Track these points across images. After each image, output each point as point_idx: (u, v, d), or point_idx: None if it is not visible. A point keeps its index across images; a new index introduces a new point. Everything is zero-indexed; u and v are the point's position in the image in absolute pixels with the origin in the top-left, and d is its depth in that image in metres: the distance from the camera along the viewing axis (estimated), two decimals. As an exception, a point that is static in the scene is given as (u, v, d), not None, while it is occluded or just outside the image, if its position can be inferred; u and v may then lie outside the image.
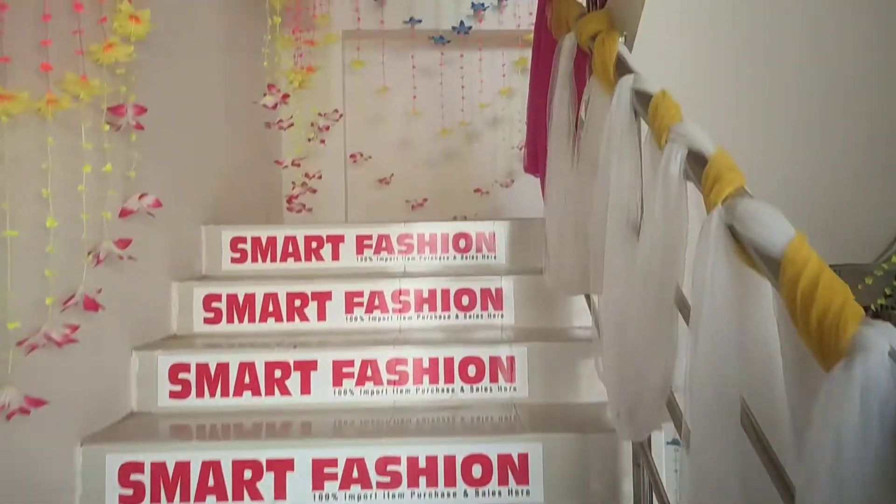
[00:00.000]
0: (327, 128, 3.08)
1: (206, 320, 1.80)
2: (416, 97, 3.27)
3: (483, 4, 3.25)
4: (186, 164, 1.93)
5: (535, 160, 1.88)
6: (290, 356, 1.58)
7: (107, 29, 1.39)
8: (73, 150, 1.26)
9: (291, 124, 2.22)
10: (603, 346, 1.23)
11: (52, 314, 1.14)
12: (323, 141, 3.03)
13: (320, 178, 2.69)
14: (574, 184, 1.39)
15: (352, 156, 3.24)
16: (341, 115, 3.15)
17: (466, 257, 2.06)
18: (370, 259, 2.06)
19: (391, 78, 3.31)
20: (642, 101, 1.12)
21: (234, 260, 2.05)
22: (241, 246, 2.05)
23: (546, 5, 1.83)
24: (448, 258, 2.06)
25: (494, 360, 1.58)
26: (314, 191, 2.59)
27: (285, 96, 2.08)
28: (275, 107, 2.06)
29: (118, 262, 1.40)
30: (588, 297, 1.58)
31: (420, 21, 3.24)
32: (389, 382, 1.57)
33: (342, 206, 3.24)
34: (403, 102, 3.33)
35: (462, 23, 3.24)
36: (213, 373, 1.56)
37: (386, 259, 2.06)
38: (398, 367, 1.58)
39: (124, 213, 1.45)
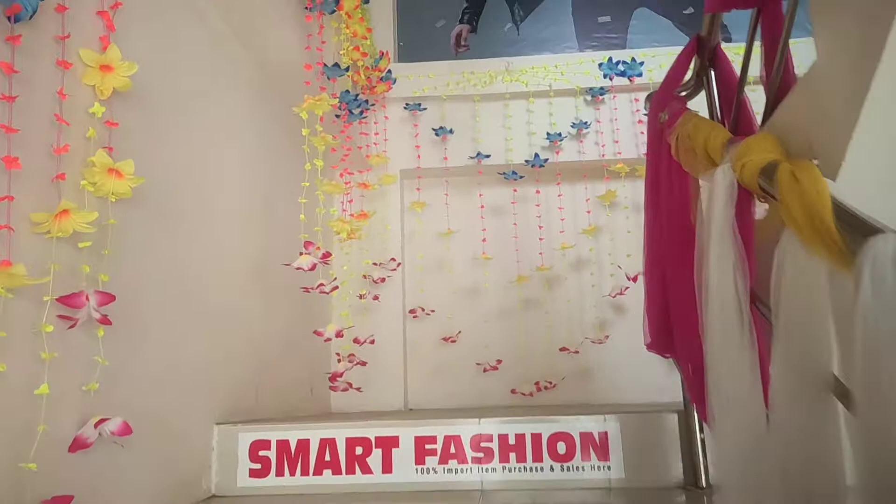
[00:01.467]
0: (382, 280, 2.69)
1: (202, 579, 1.30)
2: (485, 240, 2.87)
3: (560, 134, 2.91)
4: (193, 350, 1.52)
5: (666, 338, 1.37)
6: None
7: (64, 190, 1.02)
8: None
9: (336, 287, 1.81)
10: None
11: None
12: (377, 297, 2.62)
13: (373, 342, 2.25)
14: (766, 403, 0.86)
15: (411, 311, 2.81)
16: (399, 265, 2.76)
17: (568, 469, 1.51)
18: (434, 471, 1.54)
19: (456, 219, 2.95)
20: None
21: (253, 473, 1.57)
22: (263, 453, 1.57)
23: (666, 131, 1.41)
24: (542, 470, 1.51)
25: None
26: (364, 363, 2.15)
27: (326, 255, 1.69)
28: (313, 268, 1.67)
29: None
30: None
31: (489, 156, 2.92)
32: None
33: (399, 372, 2.77)
34: (471, 246, 2.94)
35: (536, 155, 2.89)
36: None
37: (456, 471, 1.53)
38: None
39: (75, 447, 1.01)
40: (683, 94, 1.65)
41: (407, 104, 2.99)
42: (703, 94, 1.63)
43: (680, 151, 1.30)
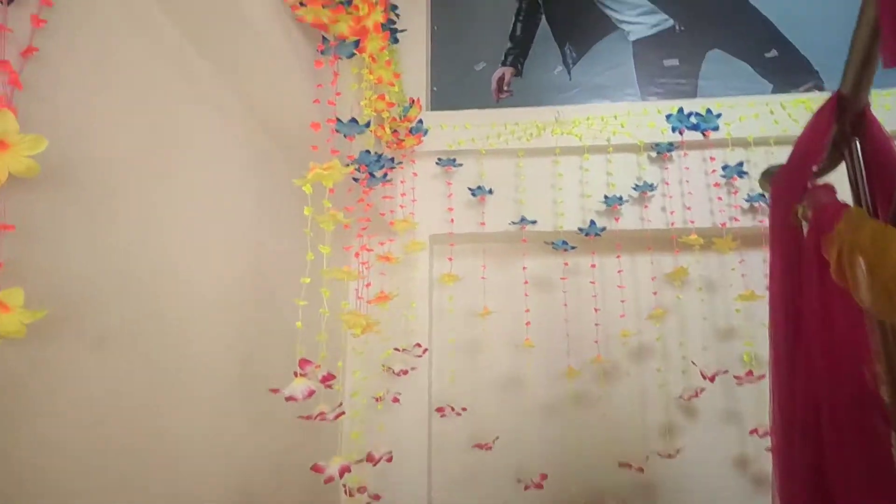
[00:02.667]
0: (405, 372, 2.29)
1: None
2: (529, 323, 2.46)
3: (620, 197, 2.52)
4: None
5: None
6: None
7: None
8: None
9: (341, 414, 1.43)
10: None
11: None
12: (397, 399, 2.23)
13: (390, 461, 1.85)
14: None
15: (439, 409, 2.40)
16: (425, 351, 2.37)
17: None
18: None
19: (495, 296, 2.56)
20: None
21: None
22: None
23: (813, 235, 1.01)
24: None
25: None
26: (377, 497, 1.74)
27: (327, 378, 1.31)
28: (310, 395, 1.29)
29: None
30: None
31: (534, 222, 2.54)
32: None
33: (421, 486, 2.34)
34: (512, 329, 2.54)
35: (592, 222, 2.50)
36: None
37: None
38: None
39: None
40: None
41: (439, 159, 2.64)
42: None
43: (847, 273, 0.90)
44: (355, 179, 1.95)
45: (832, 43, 2.66)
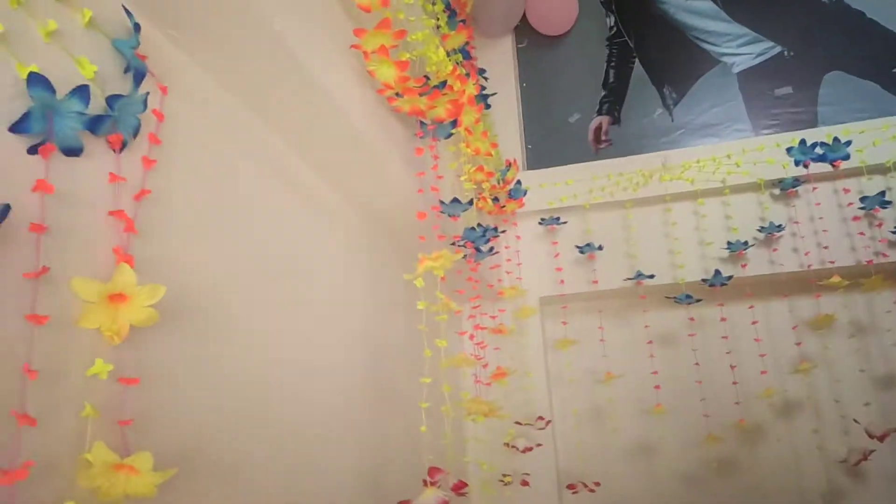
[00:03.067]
0: (530, 449, 2.16)
1: None
2: (659, 387, 2.28)
3: (745, 242, 2.32)
4: None
5: None
6: None
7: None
8: None
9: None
10: None
11: None
12: (526, 482, 2.09)
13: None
14: None
15: (570, 486, 2.24)
16: (549, 423, 2.23)
17: None
18: None
19: (616, 358, 2.40)
20: None
21: None
22: None
23: None
24: None
25: None
26: None
27: (459, 486, 1.22)
28: (440, 512, 1.20)
29: None
30: None
31: (652, 276, 2.37)
32: None
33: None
34: (638, 392, 2.37)
35: (717, 272, 2.30)
36: None
37: None
38: None
39: None
40: None
41: (542, 219, 2.55)
42: None
43: None
44: (463, 257, 1.88)
45: (972, 47, 2.39)
